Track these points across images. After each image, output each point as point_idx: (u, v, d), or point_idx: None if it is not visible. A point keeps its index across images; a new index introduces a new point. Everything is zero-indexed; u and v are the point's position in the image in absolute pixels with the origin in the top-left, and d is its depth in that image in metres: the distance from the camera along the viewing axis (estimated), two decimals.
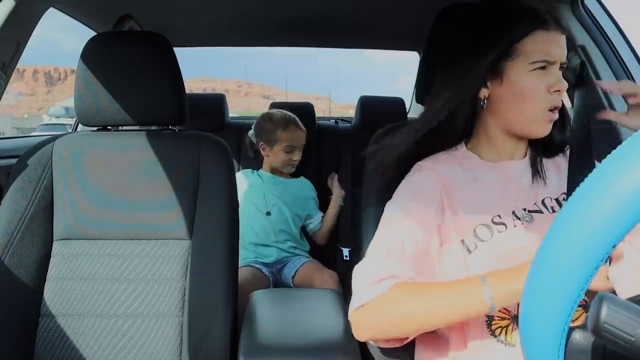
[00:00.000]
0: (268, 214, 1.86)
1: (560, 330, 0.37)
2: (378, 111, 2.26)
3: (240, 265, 1.71)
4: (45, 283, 1.11)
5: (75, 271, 1.12)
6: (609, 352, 0.43)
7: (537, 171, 0.85)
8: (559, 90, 0.79)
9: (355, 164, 2.11)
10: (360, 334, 0.79)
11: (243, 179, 1.92)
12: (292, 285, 1.77)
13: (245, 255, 1.81)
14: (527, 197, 0.82)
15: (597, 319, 0.36)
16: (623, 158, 0.34)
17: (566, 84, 0.79)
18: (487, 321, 0.77)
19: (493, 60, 0.81)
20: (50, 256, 1.13)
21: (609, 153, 0.35)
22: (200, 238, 1.13)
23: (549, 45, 0.78)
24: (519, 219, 0.79)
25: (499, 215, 0.79)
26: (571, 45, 0.83)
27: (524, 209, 0.81)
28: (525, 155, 0.88)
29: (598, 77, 1.39)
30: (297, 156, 1.90)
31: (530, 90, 0.79)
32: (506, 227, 0.78)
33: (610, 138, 1.01)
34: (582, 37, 1.40)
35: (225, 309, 1.08)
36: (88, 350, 1.09)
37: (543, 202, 0.82)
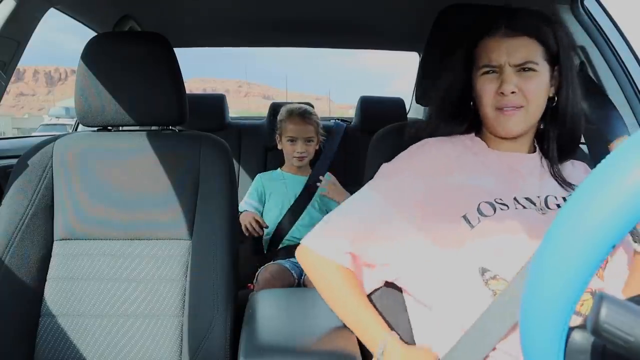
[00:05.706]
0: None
1: (560, 330, 0.37)
2: (378, 111, 2.25)
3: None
4: (46, 283, 1.12)
5: (76, 271, 1.12)
6: (608, 352, 0.43)
7: (545, 167, 0.90)
8: (503, 93, 0.84)
9: (356, 163, 2.11)
10: (302, 259, 0.90)
11: (266, 181, 1.90)
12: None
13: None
14: (531, 190, 0.85)
15: (596, 319, 0.36)
16: (622, 158, 0.34)
17: (509, 87, 0.83)
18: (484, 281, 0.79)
19: (464, 66, 0.90)
20: (50, 256, 1.13)
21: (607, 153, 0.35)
22: (200, 238, 1.13)
23: (491, 52, 0.85)
24: (520, 204, 0.83)
25: (500, 198, 0.82)
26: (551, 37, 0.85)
27: (527, 198, 0.84)
28: (533, 150, 0.92)
29: (598, 78, 1.40)
30: (299, 148, 1.86)
31: (480, 92, 0.87)
32: (508, 208, 0.82)
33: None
34: (581, 38, 1.40)
35: (225, 309, 1.08)
36: (88, 350, 1.09)
37: (546, 199, 0.85)
